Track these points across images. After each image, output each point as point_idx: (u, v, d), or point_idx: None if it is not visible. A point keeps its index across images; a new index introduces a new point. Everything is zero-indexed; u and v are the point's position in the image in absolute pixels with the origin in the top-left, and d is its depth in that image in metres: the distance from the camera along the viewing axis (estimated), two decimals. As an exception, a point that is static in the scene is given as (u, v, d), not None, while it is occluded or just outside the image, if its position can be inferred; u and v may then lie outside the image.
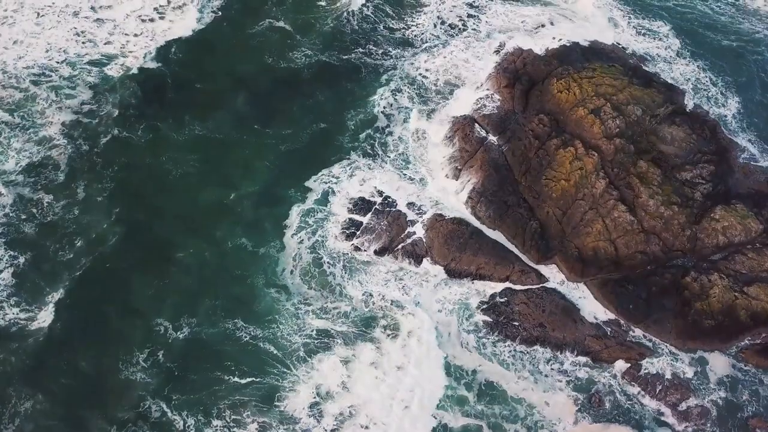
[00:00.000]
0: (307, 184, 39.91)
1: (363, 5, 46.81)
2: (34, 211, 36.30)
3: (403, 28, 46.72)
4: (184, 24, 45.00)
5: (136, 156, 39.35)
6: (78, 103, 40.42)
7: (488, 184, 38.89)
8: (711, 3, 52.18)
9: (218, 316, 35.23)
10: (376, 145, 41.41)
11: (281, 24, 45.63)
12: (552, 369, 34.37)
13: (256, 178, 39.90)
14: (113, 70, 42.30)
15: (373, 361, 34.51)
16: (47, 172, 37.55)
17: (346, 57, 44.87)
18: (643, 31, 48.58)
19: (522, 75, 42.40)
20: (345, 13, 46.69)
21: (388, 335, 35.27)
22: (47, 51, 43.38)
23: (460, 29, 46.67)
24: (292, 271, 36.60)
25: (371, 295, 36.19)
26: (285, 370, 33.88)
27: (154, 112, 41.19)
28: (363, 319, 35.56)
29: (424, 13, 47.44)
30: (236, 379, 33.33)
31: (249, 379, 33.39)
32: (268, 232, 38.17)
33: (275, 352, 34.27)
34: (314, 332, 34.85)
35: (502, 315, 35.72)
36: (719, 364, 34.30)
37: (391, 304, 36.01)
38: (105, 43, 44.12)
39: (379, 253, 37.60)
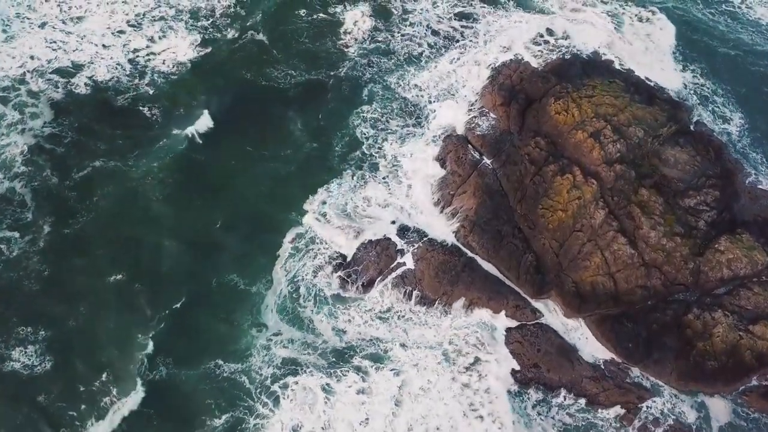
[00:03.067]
0: (294, 210, 37.76)
1: (355, 23, 44.38)
2: (3, 247, 34.24)
3: (392, 40, 44.12)
4: (166, 41, 42.21)
5: (111, 183, 36.85)
6: (40, 125, 37.73)
7: (482, 211, 36.85)
8: (705, 9, 49.81)
9: (200, 356, 33.45)
10: (364, 168, 39.19)
11: (263, 38, 43.00)
12: (545, 413, 32.86)
13: (245, 204, 37.72)
14: (81, 87, 39.48)
15: (359, 398, 33.03)
16: (13, 208, 35.29)
17: (334, 72, 42.39)
18: (641, 40, 46.40)
19: (518, 92, 40.08)
20: (333, 27, 44.18)
21: (377, 370, 33.79)
22: (15, 58, 40.85)
23: (452, 41, 44.13)
24: (271, 309, 34.71)
25: (347, 331, 34.44)
26: (258, 405, 32.30)
27: (129, 132, 38.70)
28: (345, 355, 33.83)
29: (415, 24, 44.75)
30: (203, 417, 31.78)
31: (224, 415, 31.83)
32: (254, 265, 36.07)
33: (248, 386, 32.63)
34: (290, 367, 33.11)
35: (494, 352, 34.13)
36: (722, 408, 32.80)
37: (378, 340, 34.40)
38: (74, 51, 41.26)
39: (367, 285, 35.80)
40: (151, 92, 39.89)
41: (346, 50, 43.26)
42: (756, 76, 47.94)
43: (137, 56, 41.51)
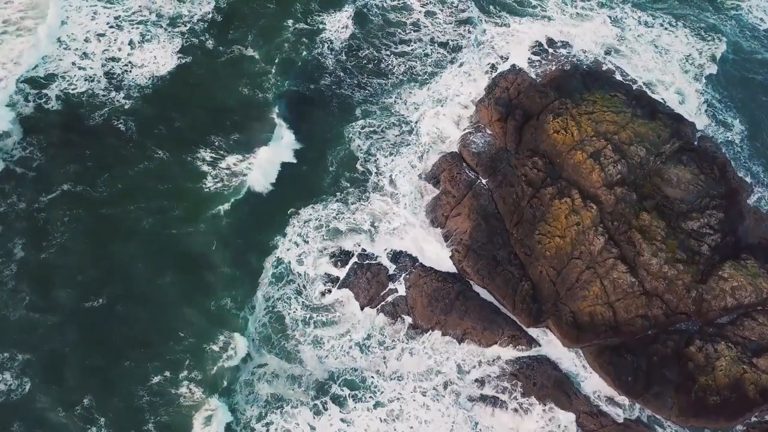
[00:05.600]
0: (281, 232, 35.89)
1: (342, 29, 42.07)
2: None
3: (383, 50, 41.94)
4: (146, 50, 39.66)
5: (83, 206, 34.59)
6: (10, 145, 35.31)
7: (476, 235, 35.28)
8: (714, 15, 47.80)
9: (183, 387, 31.95)
10: (355, 188, 37.32)
11: (243, 48, 40.50)
12: (542, 450, 31.78)
13: (233, 227, 35.65)
14: (53, 102, 37.06)
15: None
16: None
17: (325, 86, 40.15)
18: (644, 47, 44.43)
19: (515, 107, 38.27)
20: (322, 40, 41.80)
21: (364, 401, 32.45)
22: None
23: (447, 50, 41.97)
24: (254, 338, 33.12)
25: (332, 362, 32.92)
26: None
27: (102, 151, 36.33)
28: (329, 386, 32.37)
29: (409, 36, 42.47)
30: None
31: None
32: (240, 291, 34.20)
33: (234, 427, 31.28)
34: (275, 403, 31.65)
35: (488, 386, 32.83)
36: (724, 445, 31.84)
37: (366, 370, 32.98)
38: (52, 62, 38.97)
39: (357, 313, 34.30)
40: (127, 107, 37.50)
41: (333, 61, 41.02)
42: (755, 82, 46.53)
43: (114, 66, 39.11)
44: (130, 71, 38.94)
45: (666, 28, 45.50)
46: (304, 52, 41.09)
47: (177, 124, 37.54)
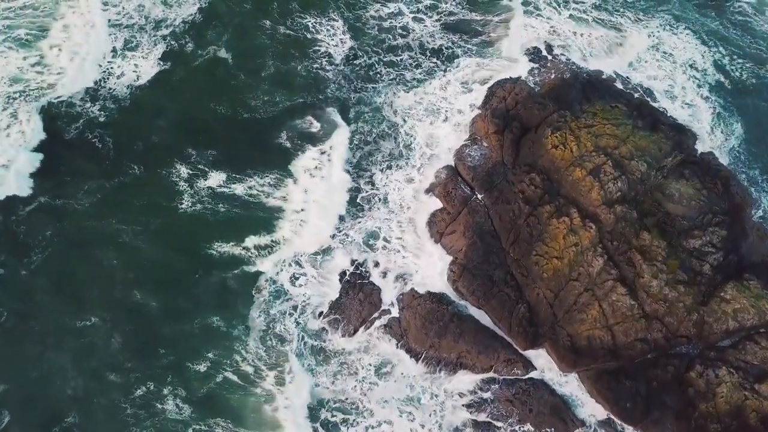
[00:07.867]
0: (273, 250, 34.69)
1: (333, 39, 40.26)
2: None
3: (374, 59, 40.13)
4: (129, 59, 37.95)
5: (65, 219, 33.57)
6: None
7: (472, 254, 34.16)
8: (718, 19, 46.13)
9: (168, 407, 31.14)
10: (349, 204, 36.00)
11: (227, 56, 38.65)
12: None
13: (217, 243, 34.56)
14: (33, 113, 35.44)
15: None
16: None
17: (313, 95, 38.52)
18: (646, 52, 42.90)
19: (513, 118, 36.85)
20: (312, 45, 39.99)
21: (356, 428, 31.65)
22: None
23: (442, 58, 40.31)
24: (242, 360, 32.15)
25: (323, 388, 31.96)
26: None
27: (81, 165, 35.11)
28: (320, 413, 31.45)
29: (397, 42, 40.67)
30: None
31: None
32: (229, 313, 33.23)
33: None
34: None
35: (482, 413, 32.01)
36: (724, 474, 31.10)
37: (358, 397, 31.98)
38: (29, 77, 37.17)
39: (350, 336, 33.14)
40: (102, 120, 35.91)
41: (322, 72, 39.12)
42: (760, 87, 45.18)
43: (94, 75, 37.42)
44: (108, 79, 37.22)
45: (666, 31, 43.94)
46: (291, 60, 39.39)
47: (155, 139, 36.08)
